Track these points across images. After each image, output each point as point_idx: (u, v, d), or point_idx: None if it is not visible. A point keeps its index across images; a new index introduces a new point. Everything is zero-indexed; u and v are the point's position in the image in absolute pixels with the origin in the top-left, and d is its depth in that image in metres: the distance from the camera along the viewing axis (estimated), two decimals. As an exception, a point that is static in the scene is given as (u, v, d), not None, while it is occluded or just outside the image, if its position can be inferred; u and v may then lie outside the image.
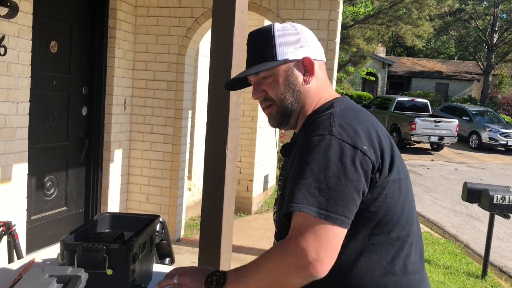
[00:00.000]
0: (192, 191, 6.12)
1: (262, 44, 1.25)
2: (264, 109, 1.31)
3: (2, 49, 3.18)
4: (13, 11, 3.08)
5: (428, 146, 15.74)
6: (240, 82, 1.34)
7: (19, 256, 3.08)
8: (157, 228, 1.68)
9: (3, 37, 3.17)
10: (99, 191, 4.49)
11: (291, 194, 1.08)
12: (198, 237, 4.84)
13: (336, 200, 1.04)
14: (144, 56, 4.76)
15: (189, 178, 5.92)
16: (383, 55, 29.57)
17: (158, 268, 1.72)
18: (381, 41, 20.63)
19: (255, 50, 1.27)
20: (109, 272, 1.31)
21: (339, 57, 17.76)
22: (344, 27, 15.49)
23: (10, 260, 3.09)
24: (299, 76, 1.25)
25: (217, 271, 1.19)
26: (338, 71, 17.41)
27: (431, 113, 16.79)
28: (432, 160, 13.64)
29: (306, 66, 1.25)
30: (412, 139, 14.74)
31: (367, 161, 1.08)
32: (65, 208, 4.23)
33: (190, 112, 5.02)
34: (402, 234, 1.15)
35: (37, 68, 3.62)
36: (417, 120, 14.42)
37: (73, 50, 4.13)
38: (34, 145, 3.66)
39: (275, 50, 1.23)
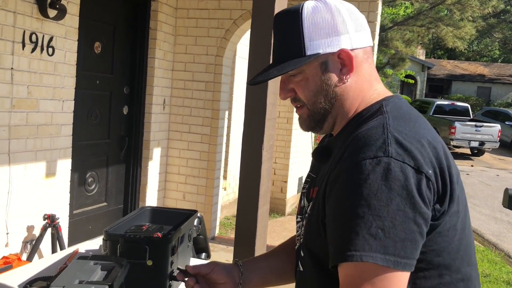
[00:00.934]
0: (227, 191, 6.20)
1: (287, 33, 1.01)
2: (295, 109, 1.10)
3: (50, 50, 3.33)
4: (62, 13, 3.23)
5: (468, 151, 15.33)
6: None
7: (62, 248, 3.22)
8: (195, 223, 1.73)
9: (51, 38, 3.32)
10: (138, 188, 4.62)
11: (345, 237, 0.86)
12: (232, 235, 4.90)
13: (405, 241, 0.84)
14: (183, 57, 4.86)
15: (225, 178, 6.00)
16: (422, 57, 28.95)
17: (195, 262, 1.77)
18: (420, 43, 20.21)
19: (280, 41, 1.03)
20: (149, 262, 1.37)
21: (377, 59, 17.51)
22: (383, 29, 15.27)
23: (54, 251, 3.23)
24: (335, 74, 1.00)
25: None
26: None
27: (472, 117, 16.34)
28: (472, 166, 13.27)
29: (343, 60, 0.99)
30: (452, 143, 14.38)
31: (431, 188, 0.87)
32: (105, 203, 4.37)
33: (226, 112, 5.09)
34: (455, 277, 0.95)
35: (81, 68, 3.77)
36: (457, 124, 14.07)
37: (115, 51, 4.28)
38: (78, 142, 3.81)
39: (303, 42, 0.98)
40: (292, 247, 1.23)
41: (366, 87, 1.02)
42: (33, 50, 3.19)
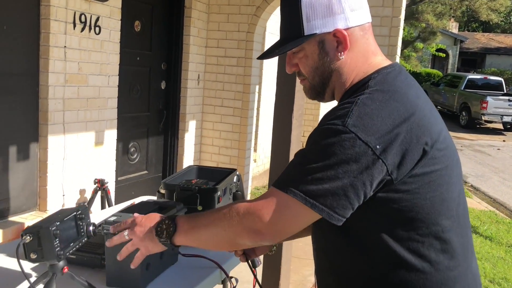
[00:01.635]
0: (257, 163, 6.49)
1: (288, 14, 1.12)
2: (300, 81, 1.23)
3: (97, 29, 3.63)
4: (107, -5, 3.51)
5: (500, 126, 15.11)
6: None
7: (112, 209, 3.58)
8: (234, 180, 2.00)
9: (98, 18, 3.62)
10: (175, 158, 4.96)
11: (283, 173, 1.06)
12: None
13: (327, 193, 0.98)
14: (216, 34, 5.10)
15: (255, 150, 6.28)
16: (455, 30, 28.22)
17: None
18: (453, 16, 19.75)
19: (283, 21, 1.15)
20: (199, 208, 1.66)
21: (407, 33, 17.23)
22: (414, 2, 15.04)
23: (105, 211, 3.60)
24: (331, 51, 1.11)
25: (166, 219, 1.18)
26: (406, 47, 16.96)
27: (505, 92, 16.03)
28: (503, 141, 13.14)
29: (338, 38, 1.09)
30: (483, 118, 14.22)
31: (375, 161, 0.98)
32: (146, 171, 4.73)
33: (257, 87, 5.33)
34: (433, 229, 1.05)
35: (123, 46, 4.06)
36: (489, 98, 13.87)
37: (154, 29, 4.55)
38: (121, 115, 4.13)
39: (302, 23, 1.09)
40: None
41: (361, 61, 1.12)
42: (83, 29, 3.49)
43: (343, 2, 1.08)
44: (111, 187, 3.94)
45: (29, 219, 3.28)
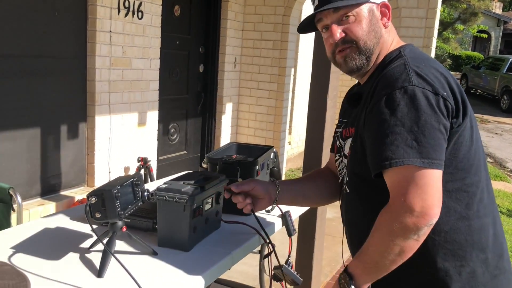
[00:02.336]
0: (292, 145, 6.58)
1: None
2: (338, 53, 1.26)
3: (140, 14, 3.79)
4: (149, -19, 3.65)
5: (544, 110, 14.59)
6: (312, 26, 1.33)
7: (154, 186, 3.77)
8: (271, 156, 2.12)
9: (140, 4, 3.78)
10: (213, 139, 5.12)
11: (387, 150, 1.07)
12: (297, 184, 5.32)
13: (434, 146, 1.06)
14: (253, 18, 5.19)
15: (289, 132, 6.37)
16: (499, 11, 27.15)
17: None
18: (496, -4, 19.01)
19: None
20: (239, 180, 1.79)
21: (447, 15, 16.72)
22: (455, -18, 14.58)
23: (147, 188, 3.80)
24: (379, 19, 1.25)
25: (342, 273, 1.19)
26: (446, 29, 16.50)
27: (550, 75, 15.40)
28: (546, 125, 12.70)
29: (384, 10, 1.26)
30: (526, 102, 13.78)
31: (448, 106, 1.10)
32: (185, 152, 4.92)
33: (292, 70, 5.41)
34: (474, 180, 1.17)
35: (164, 30, 4.21)
36: (532, 82, 13.41)
37: (192, 13, 4.69)
38: (162, 97, 4.31)
39: None
40: (317, 178, 1.58)
41: (392, 36, 1.29)
42: (126, 14, 3.66)
43: None
44: (153, 165, 4.14)
45: (78, 193, 3.52)
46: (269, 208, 1.55)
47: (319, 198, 1.59)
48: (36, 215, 3.16)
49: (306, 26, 1.36)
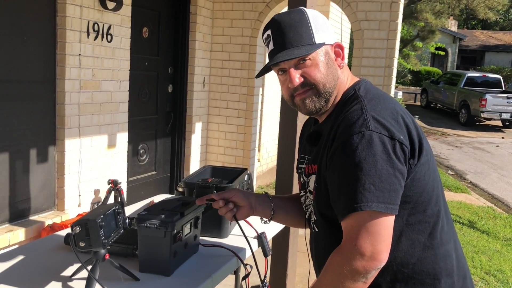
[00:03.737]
0: (261, 162, 6.67)
1: (298, 26, 1.23)
2: (296, 96, 1.26)
3: (109, 37, 3.82)
4: (119, 4, 3.70)
5: (499, 123, 15.28)
6: (266, 68, 1.31)
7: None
8: (245, 178, 2.19)
9: (109, 27, 3.81)
10: (183, 158, 5.15)
11: (348, 196, 1.11)
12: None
13: (390, 191, 1.09)
14: (221, 39, 5.29)
15: (259, 150, 6.46)
16: (454, 28, 28.40)
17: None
18: (451, 15, 19.92)
19: (291, 33, 1.23)
20: (216, 204, 1.84)
21: (406, 32, 17.36)
22: (412, 1, 15.21)
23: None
24: (334, 61, 1.27)
25: None
26: (405, 46, 17.11)
27: (504, 89, 16.19)
28: (502, 138, 13.31)
29: (338, 50, 1.27)
30: (482, 116, 14.38)
31: (404, 150, 1.13)
32: (154, 172, 4.92)
33: (260, 89, 5.52)
34: (435, 210, 1.21)
35: (133, 51, 4.24)
36: (487, 96, 14.02)
37: (161, 35, 4.74)
38: (131, 118, 4.32)
39: (312, 34, 1.22)
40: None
41: (346, 74, 1.31)
42: (96, 37, 3.68)
43: (328, 25, 1.28)
44: (123, 187, 4.13)
45: (48, 218, 3.47)
46: (266, 219, 1.53)
47: (300, 218, 1.55)
48: (4, 242, 3.10)
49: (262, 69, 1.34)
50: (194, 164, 5.28)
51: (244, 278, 1.66)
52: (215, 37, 5.32)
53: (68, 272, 1.48)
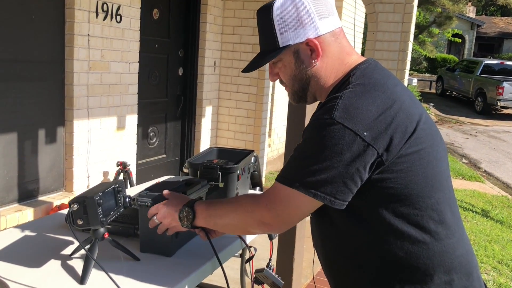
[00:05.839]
0: (271, 148, 6.62)
1: (264, 29, 1.22)
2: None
3: (118, 17, 3.77)
4: (128, -16, 3.64)
5: (517, 112, 15.01)
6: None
7: (134, 190, 3.75)
8: (252, 161, 2.14)
9: (119, 7, 3.76)
10: (193, 142, 5.12)
11: (285, 168, 1.17)
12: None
13: (325, 183, 1.08)
14: (232, 21, 5.22)
15: (269, 135, 6.41)
16: (472, 15, 27.80)
17: (250, 192, 2.19)
18: (470, 1, 19.49)
19: (260, 36, 1.25)
20: (221, 185, 1.80)
21: (422, 18, 17.04)
22: (430, -14, 14.88)
23: (127, 192, 3.78)
24: (306, 59, 1.21)
25: (185, 206, 1.33)
26: (421, 32, 16.81)
27: (522, 77, 15.84)
28: (519, 127, 13.06)
29: (311, 47, 1.19)
30: (499, 104, 14.11)
31: (365, 146, 1.07)
32: (164, 155, 4.90)
33: (272, 73, 5.43)
34: (429, 202, 1.14)
35: (143, 33, 4.19)
36: (505, 84, 13.74)
37: (171, 17, 4.68)
38: (141, 100, 4.29)
39: (276, 37, 1.19)
40: None
41: (337, 63, 1.22)
42: (105, 18, 3.64)
43: (312, 13, 1.17)
44: (133, 169, 4.12)
45: (57, 199, 3.48)
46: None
47: None
48: (13, 222, 3.11)
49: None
50: (204, 148, 5.25)
51: (247, 260, 1.63)
52: (226, 20, 5.24)
53: (68, 250, 1.46)
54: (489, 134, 11.72)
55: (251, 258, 1.64)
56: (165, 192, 1.43)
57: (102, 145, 3.81)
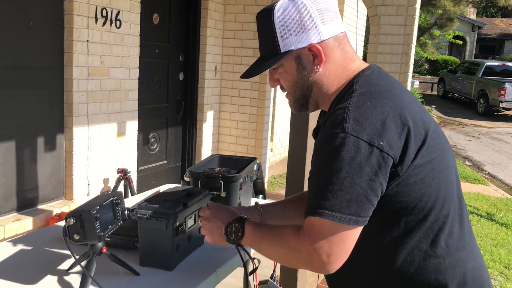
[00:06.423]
0: (274, 152, 6.57)
1: (264, 34, 1.16)
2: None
3: (118, 23, 3.73)
4: (127, -11, 3.60)
5: (519, 113, 14.93)
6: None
7: (135, 197, 3.70)
8: (254, 168, 2.09)
9: (118, 12, 3.72)
10: (194, 148, 5.07)
11: (310, 200, 1.07)
12: (280, 192, 5.29)
13: (350, 202, 1.00)
14: (233, 26, 5.18)
15: (271, 139, 6.36)
16: (473, 16, 27.76)
17: (254, 201, 2.14)
18: (470, 2, 19.45)
19: (260, 40, 1.20)
20: (223, 194, 1.75)
21: (423, 20, 17.00)
22: (430, -12, 14.85)
23: (128, 200, 3.73)
24: (308, 65, 1.14)
25: (236, 221, 1.24)
26: (422, 34, 16.78)
27: (524, 78, 15.77)
28: (522, 128, 12.99)
29: (314, 52, 1.13)
30: (501, 105, 14.04)
31: (384, 157, 1.01)
32: (165, 161, 4.85)
33: (273, 77, 5.39)
34: (440, 214, 1.09)
35: (143, 38, 4.16)
36: (507, 85, 13.67)
37: (171, 21, 4.64)
38: (141, 106, 4.25)
39: (277, 42, 1.13)
40: (299, 200, 1.48)
41: (340, 70, 1.16)
42: (104, 23, 3.60)
43: (315, 18, 1.11)
44: (133, 176, 4.07)
45: (57, 207, 3.43)
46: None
47: (298, 220, 1.52)
48: (12, 231, 3.06)
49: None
50: (206, 153, 5.20)
51: (251, 273, 1.57)
52: (227, 24, 5.20)
53: (65, 265, 1.41)
54: (492, 136, 11.66)
55: (254, 270, 1.58)
56: (210, 203, 1.39)
57: (102, 152, 3.76)
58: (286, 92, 1.23)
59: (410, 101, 1.11)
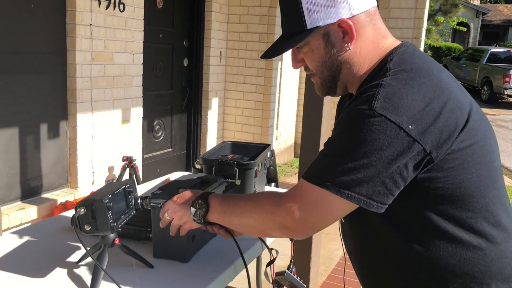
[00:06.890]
0: (279, 140, 6.48)
1: (289, 9, 1.06)
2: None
3: (121, 6, 3.62)
4: (131, -29, 3.48)
5: (523, 100, 14.81)
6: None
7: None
8: (268, 155, 2.01)
9: (122, -5, 3.61)
10: (199, 135, 4.98)
11: (314, 165, 1.01)
12: (286, 180, 5.21)
13: (361, 182, 0.94)
14: (238, 10, 5.05)
15: (276, 127, 6.26)
16: (477, 2, 27.45)
17: (267, 189, 2.06)
18: (475, -12, 19.19)
19: (284, 17, 1.09)
20: (238, 182, 1.67)
21: (428, 7, 16.81)
22: (435, -27, 14.61)
23: (133, 188, 3.65)
24: (337, 42, 1.05)
25: (199, 197, 1.18)
26: (427, 20, 16.58)
27: (529, 65, 15.61)
28: (526, 115, 12.87)
29: (344, 28, 1.03)
30: (505, 93, 13.90)
31: (410, 142, 0.93)
32: (170, 149, 4.77)
33: (280, 63, 5.28)
34: (483, 202, 1.01)
35: (147, 23, 4.05)
36: (511, 72, 13.55)
37: (175, 6, 4.52)
38: (146, 92, 4.15)
39: (304, 18, 1.03)
40: None
41: (372, 48, 1.06)
42: (107, 7, 3.49)
43: None
44: (139, 164, 3.99)
45: (61, 196, 3.36)
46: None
47: None
48: (16, 220, 2.99)
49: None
50: (211, 141, 5.12)
51: (269, 264, 1.50)
52: (232, 8, 5.08)
53: (75, 257, 1.34)
54: (496, 123, 11.55)
55: (272, 261, 1.51)
56: (181, 190, 1.29)
57: (107, 139, 3.68)
58: (311, 73, 1.12)
59: (450, 81, 1.02)
